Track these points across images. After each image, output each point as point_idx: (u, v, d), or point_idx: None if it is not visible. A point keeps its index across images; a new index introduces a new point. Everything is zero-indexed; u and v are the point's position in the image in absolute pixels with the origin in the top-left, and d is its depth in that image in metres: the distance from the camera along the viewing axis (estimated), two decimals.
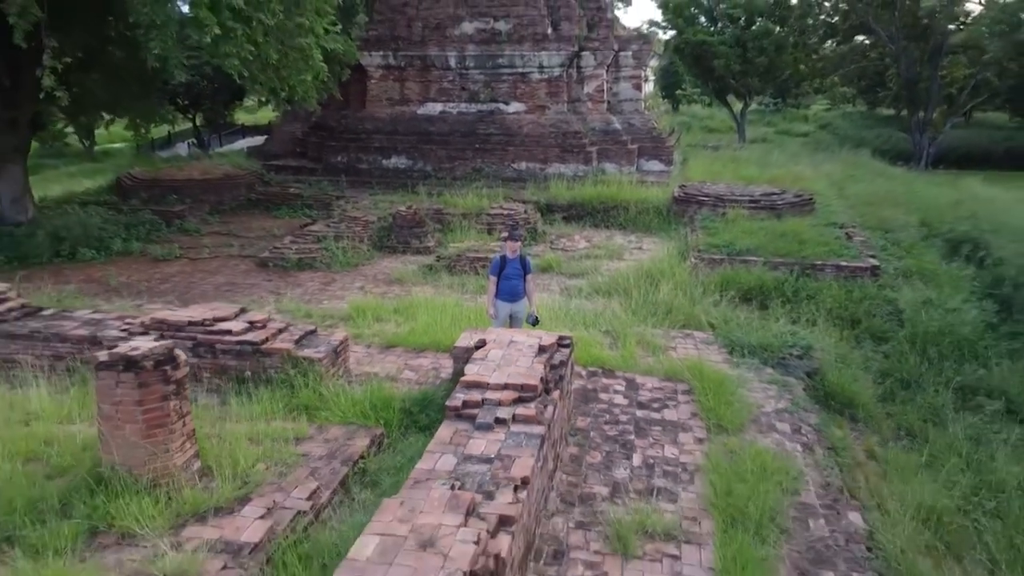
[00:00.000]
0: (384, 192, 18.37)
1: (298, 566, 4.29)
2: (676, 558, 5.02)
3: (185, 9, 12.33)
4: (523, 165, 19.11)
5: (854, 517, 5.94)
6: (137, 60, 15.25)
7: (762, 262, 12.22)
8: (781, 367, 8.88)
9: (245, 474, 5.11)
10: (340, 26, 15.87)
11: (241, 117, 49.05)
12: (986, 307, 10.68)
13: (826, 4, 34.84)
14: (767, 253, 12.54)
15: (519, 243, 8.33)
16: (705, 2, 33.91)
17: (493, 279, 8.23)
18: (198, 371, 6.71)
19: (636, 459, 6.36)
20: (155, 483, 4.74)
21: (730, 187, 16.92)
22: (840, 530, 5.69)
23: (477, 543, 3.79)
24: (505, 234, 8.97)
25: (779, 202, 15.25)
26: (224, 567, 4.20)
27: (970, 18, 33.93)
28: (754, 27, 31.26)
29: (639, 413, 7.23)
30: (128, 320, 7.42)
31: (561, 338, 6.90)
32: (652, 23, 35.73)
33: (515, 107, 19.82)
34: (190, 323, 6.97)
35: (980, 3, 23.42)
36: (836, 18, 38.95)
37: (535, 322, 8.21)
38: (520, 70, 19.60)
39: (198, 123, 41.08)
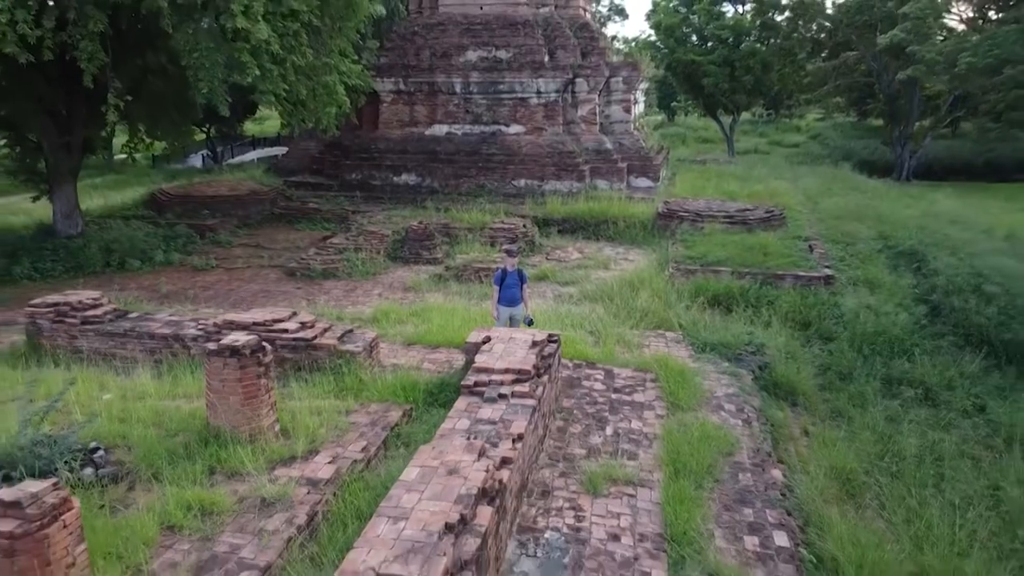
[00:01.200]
0: (396, 207, 20.16)
1: (360, 492, 6.05)
2: (632, 496, 6.77)
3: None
4: (522, 182, 20.91)
5: (776, 473, 7.69)
6: (175, 90, 17.14)
7: (730, 272, 13.97)
8: (736, 361, 10.64)
9: (312, 435, 6.87)
10: (358, 58, 17.68)
11: (249, 127, 50.87)
12: (917, 312, 12.43)
13: (812, 25, 36.62)
14: (735, 264, 14.30)
15: (516, 258, 10.13)
16: (696, 22, 35.78)
17: (496, 288, 10.02)
18: None
19: (608, 430, 8.11)
20: (251, 438, 6.51)
21: (709, 203, 18.70)
22: (762, 481, 7.43)
23: (486, 472, 5.54)
24: (504, 251, 10.74)
25: (751, 217, 17.04)
26: (308, 492, 5.97)
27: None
28: (741, 47, 33.08)
29: (614, 396, 8.99)
30: (202, 321, 9.19)
31: (550, 336, 8.67)
32: (647, 43, 37.28)
33: (515, 129, 21.64)
34: (254, 323, 8.72)
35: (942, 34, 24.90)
36: (823, 35, 40.81)
37: (530, 323, 9.98)
38: (519, 95, 21.43)
39: (211, 135, 42.91)
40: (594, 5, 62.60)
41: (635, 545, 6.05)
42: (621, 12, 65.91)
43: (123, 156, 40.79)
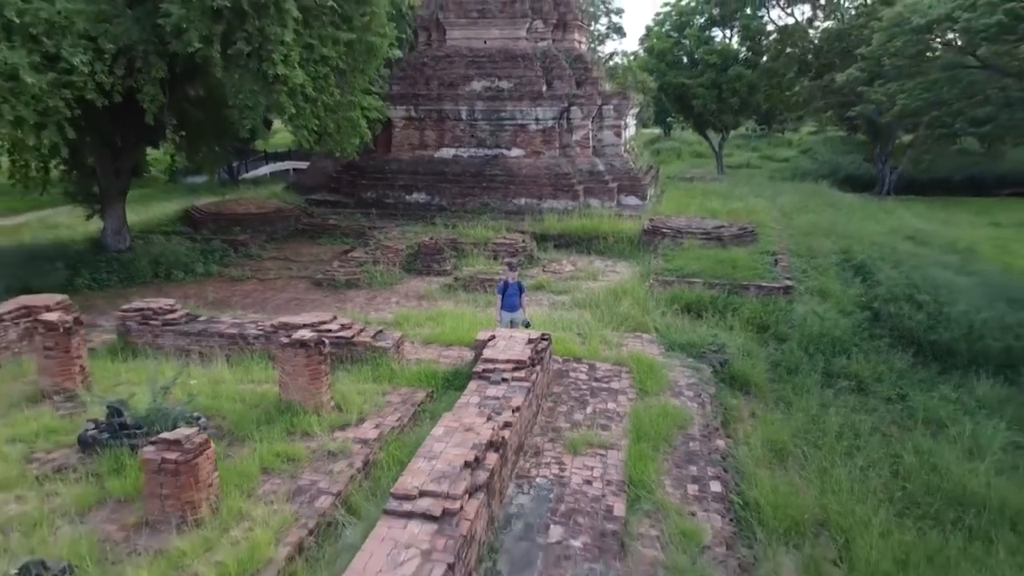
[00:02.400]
0: (408, 223, 22.28)
1: (397, 448, 8.13)
2: (603, 455, 8.84)
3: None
4: (522, 201, 23.04)
5: (720, 443, 9.76)
6: (212, 118, 19.35)
7: (702, 282, 16.05)
8: (700, 358, 12.71)
9: (359, 409, 8.96)
10: (372, 89, 19.84)
11: (260, 143, 53.12)
12: (859, 317, 14.51)
13: (797, 48, 38.84)
14: (707, 276, 16.38)
15: (516, 272, 12.26)
16: (687, 46, 37.98)
17: (499, 296, 12.13)
18: None
19: (588, 409, 10.18)
20: (315, 410, 8.60)
21: (689, 221, 20.81)
22: (708, 448, 9.50)
23: (493, 430, 7.62)
24: (505, 265, 12.85)
25: (725, 234, 19.14)
26: (360, 447, 8.06)
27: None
28: (729, 71, 35.28)
29: (594, 384, 11.06)
30: (260, 323, 11.30)
31: (543, 335, 10.77)
32: (644, 61, 39.39)
33: (516, 152, 23.81)
34: (303, 325, 10.82)
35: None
36: (809, 56, 43.01)
37: (527, 325, 12.08)
38: (520, 122, 23.61)
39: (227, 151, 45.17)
40: (593, 24, 65.01)
41: (603, 488, 8.12)
42: (619, 30, 68.14)
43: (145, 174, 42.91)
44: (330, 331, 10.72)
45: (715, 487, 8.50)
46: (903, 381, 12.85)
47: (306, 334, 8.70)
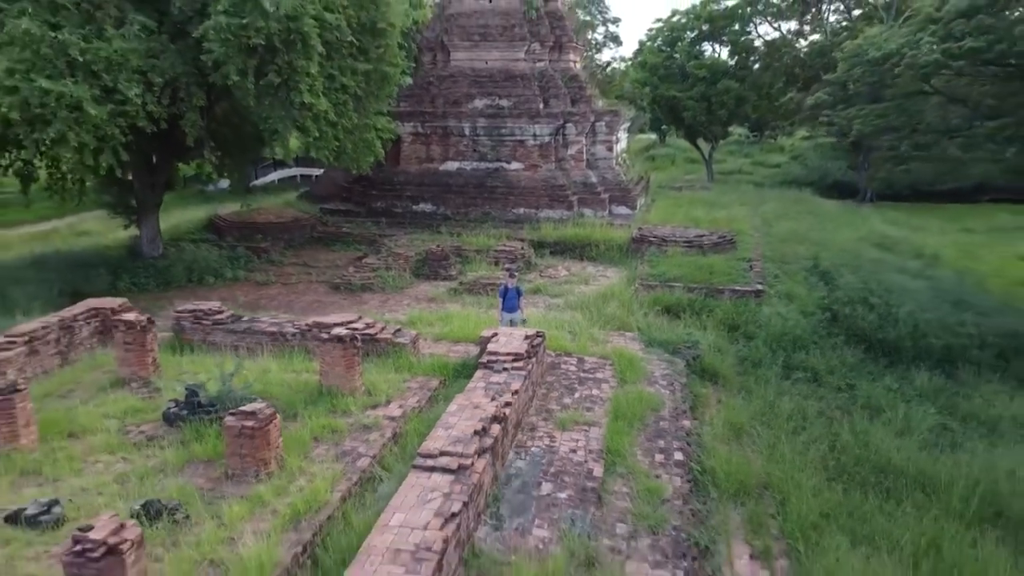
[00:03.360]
0: (415, 231, 24.18)
1: (418, 423, 10.02)
2: (587, 431, 10.72)
3: None
4: (521, 211, 24.94)
5: (686, 423, 11.64)
6: (238, 136, 21.24)
7: (682, 287, 17.94)
8: (675, 353, 14.59)
9: (385, 393, 10.85)
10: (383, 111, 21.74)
11: (268, 152, 54.93)
12: (819, 317, 16.40)
13: (782, 63, 40.72)
14: (687, 280, 18.26)
15: (515, 278, 14.16)
16: (679, 60, 39.84)
17: (500, 299, 14.03)
18: None
19: (576, 395, 12.06)
20: (350, 393, 10.49)
21: (674, 230, 22.71)
22: (675, 427, 11.39)
23: (496, 408, 9.50)
24: (505, 271, 14.75)
25: (705, 242, 21.04)
26: (389, 422, 9.95)
27: None
28: (718, 85, 37.21)
29: (582, 374, 12.95)
30: (296, 323, 13.18)
31: (538, 332, 12.65)
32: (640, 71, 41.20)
33: (515, 166, 25.71)
34: (334, 324, 12.69)
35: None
36: (796, 69, 44.89)
37: (523, 322, 13.97)
38: (519, 137, 25.51)
39: None
40: (591, 32, 66.89)
41: (586, 455, 10.00)
42: (616, 39, 70.07)
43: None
44: (357, 329, 12.59)
45: (678, 456, 10.39)
46: (852, 373, 14.71)
47: (342, 331, 10.60)
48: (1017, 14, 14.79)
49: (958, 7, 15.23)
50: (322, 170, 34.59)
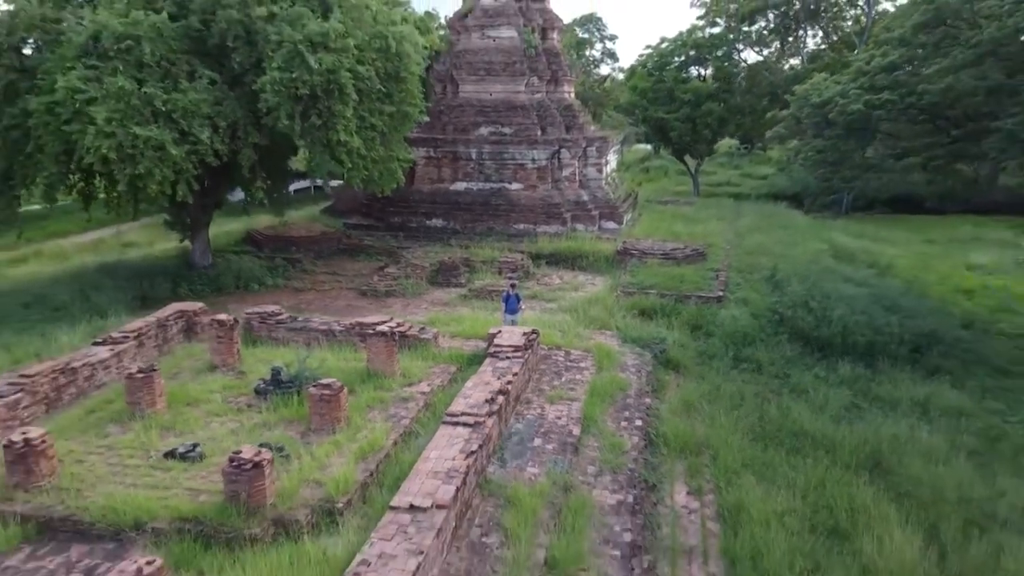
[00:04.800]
0: (428, 244, 27.59)
1: (443, 397, 13.43)
2: (570, 404, 14.10)
3: None
4: (521, 226, 28.35)
5: (648, 400, 15.04)
6: (278, 163, 24.66)
7: (656, 293, 21.33)
8: (645, 347, 17.97)
9: (416, 376, 14.25)
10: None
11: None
12: (767, 319, 19.78)
13: (762, 85, 44.19)
14: (660, 288, 21.64)
15: (515, 286, 17.60)
16: (666, 83, 43.26)
17: (503, 304, 17.45)
18: None
19: (563, 379, 15.44)
20: (390, 376, 13.90)
21: (654, 243, 26.10)
22: (639, 403, 14.77)
23: (501, 384, 12.89)
24: (507, 279, 18.14)
25: (680, 255, 24.44)
26: (421, 395, 13.37)
27: None
28: (702, 107, 40.67)
29: (568, 363, 16.33)
30: (341, 323, 16.59)
31: (534, 330, 16.05)
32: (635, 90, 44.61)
33: (516, 186, 29.14)
34: (374, 323, 16.08)
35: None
36: (779, 90, 48.31)
37: (522, 322, 17.37)
38: (519, 161, 28.95)
39: None
40: (588, 50, 70.31)
41: (568, 421, 13.38)
42: (612, 55, 73.58)
43: None
44: (390, 327, 15.99)
45: (638, 423, 13.80)
46: (789, 364, 18.04)
47: (384, 328, 14.02)
48: (927, 71, 18.18)
49: (881, 64, 18.66)
50: (334, 182, 38.04)
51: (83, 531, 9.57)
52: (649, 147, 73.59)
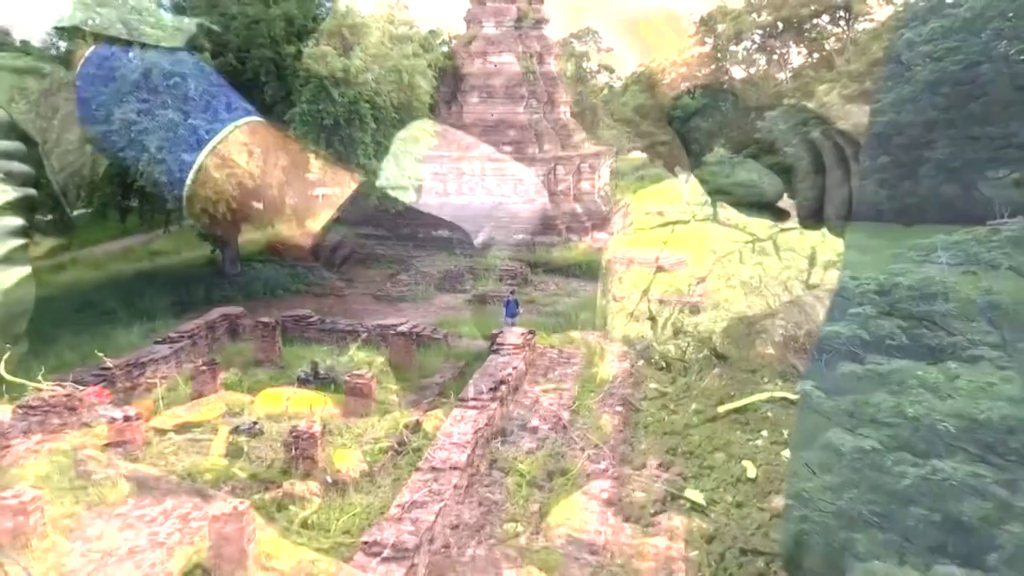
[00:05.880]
0: (435, 252, 30.14)
1: (456, 385, 16.01)
2: (561, 394, 16.66)
3: None
4: (520, 237, 30.93)
5: (628, 390, 17.60)
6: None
7: (642, 298, 23.89)
8: (630, 345, 20.52)
9: (431, 369, 16.83)
10: None
11: None
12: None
13: (750, 102, 46.76)
14: (642, 291, 24.21)
15: (514, 292, 20.19)
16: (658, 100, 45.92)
17: (504, 308, 20.04)
18: None
19: (556, 372, 17.99)
20: (410, 369, 16.47)
21: (640, 251, 28.64)
22: (620, 392, 17.32)
23: (503, 376, 15.44)
24: (507, 286, 20.72)
25: (663, 263, 27.01)
26: (436, 384, 15.94)
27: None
28: (689, 123, 43.32)
29: (560, 359, 18.89)
30: (364, 325, 19.16)
31: (531, 331, 18.62)
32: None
33: (515, 200, 31.74)
34: (392, 325, 18.62)
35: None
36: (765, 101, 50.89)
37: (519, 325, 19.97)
38: (518, 176, 31.54)
39: None
40: (586, 62, 72.85)
41: (559, 407, 15.94)
42: (609, 69, 76.12)
43: None
44: (408, 328, 18.57)
45: (619, 408, 16.36)
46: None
47: (404, 329, 16.60)
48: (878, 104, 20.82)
49: (841, 94, 21.20)
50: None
51: (172, 489, 12.12)
52: (644, 155, 76.36)
